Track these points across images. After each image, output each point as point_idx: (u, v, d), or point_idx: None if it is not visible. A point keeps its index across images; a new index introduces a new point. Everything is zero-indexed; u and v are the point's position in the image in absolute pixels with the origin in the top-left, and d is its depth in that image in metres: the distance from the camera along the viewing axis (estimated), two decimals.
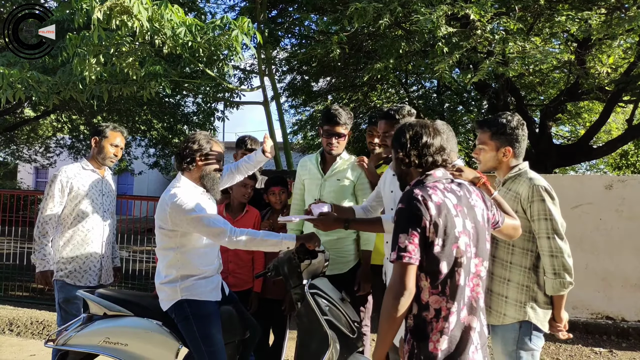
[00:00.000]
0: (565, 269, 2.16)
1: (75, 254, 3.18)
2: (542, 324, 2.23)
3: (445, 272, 1.72)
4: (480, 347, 1.79)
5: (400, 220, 1.75)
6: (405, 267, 1.69)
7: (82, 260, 3.19)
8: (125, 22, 3.95)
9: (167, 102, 10.96)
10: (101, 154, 3.28)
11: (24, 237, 6.92)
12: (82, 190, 3.20)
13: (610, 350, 4.69)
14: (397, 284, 1.70)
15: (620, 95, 7.80)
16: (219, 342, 2.58)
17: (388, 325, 1.71)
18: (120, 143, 3.35)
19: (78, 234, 3.19)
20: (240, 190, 3.37)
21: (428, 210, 1.71)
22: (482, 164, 2.43)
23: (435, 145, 1.88)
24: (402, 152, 1.90)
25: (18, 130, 14.28)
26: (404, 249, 1.69)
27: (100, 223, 3.27)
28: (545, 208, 2.18)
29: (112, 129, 3.31)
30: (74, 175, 3.20)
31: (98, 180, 3.31)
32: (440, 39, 5.25)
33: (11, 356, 4.23)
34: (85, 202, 3.20)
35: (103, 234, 3.29)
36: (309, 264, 2.70)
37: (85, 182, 3.23)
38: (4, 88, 4.68)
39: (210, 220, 2.51)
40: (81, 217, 3.19)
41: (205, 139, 2.70)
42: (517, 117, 2.35)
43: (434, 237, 1.71)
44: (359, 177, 3.17)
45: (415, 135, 1.89)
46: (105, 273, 3.32)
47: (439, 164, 1.88)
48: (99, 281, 3.27)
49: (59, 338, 2.66)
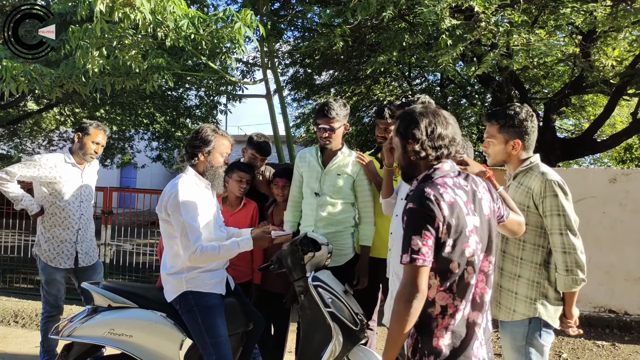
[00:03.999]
0: (578, 266, 2.13)
1: (50, 236, 3.50)
2: (552, 320, 2.21)
3: (456, 272, 1.69)
4: (485, 343, 1.78)
5: (412, 220, 1.68)
6: (417, 270, 1.63)
7: (56, 243, 3.51)
8: (127, 14, 3.94)
9: (170, 95, 10.94)
10: (82, 149, 3.53)
11: (28, 230, 6.96)
12: (59, 179, 3.46)
13: (612, 344, 4.69)
14: (410, 286, 1.64)
15: (625, 88, 7.74)
16: (223, 333, 2.60)
17: (400, 328, 1.65)
18: (102, 140, 3.59)
19: (54, 219, 3.50)
20: (236, 185, 3.34)
21: (441, 210, 1.64)
22: (491, 157, 2.38)
23: (449, 136, 1.78)
24: (415, 144, 1.77)
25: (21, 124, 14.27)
26: (417, 251, 1.63)
27: (77, 212, 3.56)
28: (558, 203, 2.15)
29: (95, 127, 3.55)
30: (54, 164, 3.45)
31: (77, 172, 3.56)
32: (444, 32, 5.21)
33: (17, 348, 4.27)
34: (62, 191, 3.48)
35: (79, 222, 3.57)
36: (312, 256, 2.71)
37: (63, 173, 3.48)
38: (7, 81, 4.68)
39: (187, 232, 2.51)
40: (57, 205, 3.48)
41: (211, 134, 2.68)
42: (526, 109, 2.29)
43: (446, 237, 1.66)
44: (358, 173, 3.17)
45: (429, 125, 1.77)
46: (82, 256, 3.61)
47: (447, 155, 1.80)
48: (74, 264, 3.57)
49: (63, 329, 2.69)
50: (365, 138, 11.40)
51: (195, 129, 2.78)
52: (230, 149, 2.79)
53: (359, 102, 11.10)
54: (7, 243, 6.67)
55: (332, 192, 3.09)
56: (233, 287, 2.91)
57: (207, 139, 2.66)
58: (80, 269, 3.60)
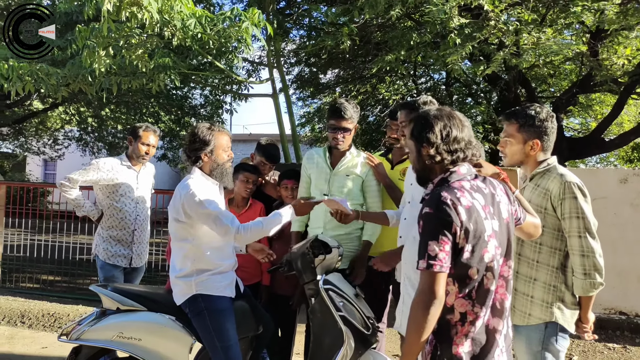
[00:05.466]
0: (596, 269, 2.09)
1: (108, 236, 3.60)
2: (569, 324, 2.17)
3: (475, 278, 1.65)
4: (506, 350, 1.74)
5: (428, 226, 1.64)
6: (435, 276, 1.59)
7: (113, 243, 3.61)
8: (135, 13, 3.91)
9: (175, 94, 10.93)
10: (135, 152, 3.64)
11: (34, 229, 6.95)
12: (116, 181, 3.56)
13: (624, 346, 4.64)
14: (427, 293, 1.60)
15: (634, 87, 7.66)
16: (233, 337, 2.56)
17: (417, 335, 1.61)
18: (153, 141, 3.68)
19: (112, 221, 3.61)
20: (242, 186, 3.31)
21: (458, 215, 1.60)
22: (507, 158, 2.33)
23: (465, 139, 1.73)
24: (430, 148, 1.72)
25: (27, 123, 14.32)
26: (434, 257, 1.59)
27: (132, 213, 3.64)
28: (577, 206, 2.10)
29: (145, 129, 3.65)
30: (111, 166, 3.55)
31: (132, 175, 3.65)
32: (452, 30, 5.16)
33: (24, 348, 4.25)
34: (118, 193, 3.58)
35: (134, 223, 3.65)
36: (323, 259, 2.68)
37: (119, 175, 3.57)
38: (13, 81, 4.66)
39: (218, 218, 2.49)
40: (114, 206, 3.58)
41: (208, 133, 2.60)
42: (546, 109, 2.24)
43: (464, 243, 1.62)
44: (367, 174, 3.13)
45: (444, 129, 1.72)
46: (136, 258, 3.69)
47: (464, 158, 1.75)
48: (130, 264, 3.66)
49: (72, 332, 2.66)
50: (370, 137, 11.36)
51: (190, 131, 2.70)
52: (230, 143, 2.73)
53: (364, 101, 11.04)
54: (12, 242, 6.66)
55: (340, 194, 3.05)
56: (242, 290, 2.88)
57: (206, 139, 2.59)
58: (130, 269, 3.69)
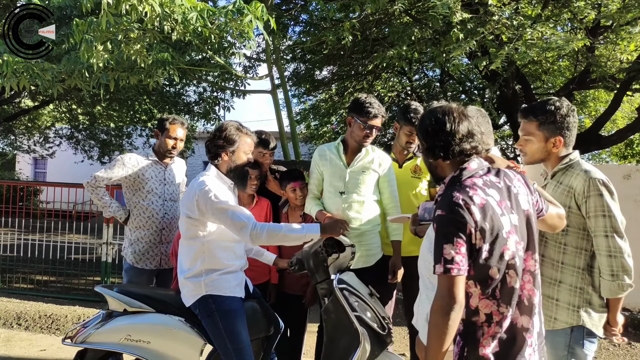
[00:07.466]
0: (625, 270, 1.99)
1: (135, 238, 3.37)
2: (597, 328, 2.08)
3: (496, 278, 1.59)
4: (538, 349, 1.69)
5: (442, 228, 1.59)
6: (453, 280, 1.55)
7: (140, 244, 3.37)
8: (135, 6, 3.80)
9: (168, 91, 10.78)
10: (161, 146, 3.41)
11: (27, 229, 6.81)
12: (142, 177, 3.34)
13: (629, 343, 4.63)
14: (446, 298, 1.55)
15: (631, 84, 7.68)
16: (245, 338, 2.49)
17: (440, 342, 1.55)
18: (180, 134, 3.42)
19: (138, 221, 3.37)
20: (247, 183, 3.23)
21: (472, 215, 1.56)
22: (528, 156, 2.23)
23: (462, 132, 1.68)
24: (427, 144, 1.73)
25: (17, 121, 14.07)
26: (450, 261, 1.54)
27: (160, 211, 3.39)
28: (604, 203, 2.00)
29: (171, 121, 3.39)
30: (136, 162, 3.34)
31: (159, 170, 3.43)
32: (455, 25, 5.11)
33: (21, 351, 4.14)
34: (144, 189, 3.36)
35: (162, 222, 3.40)
36: (337, 257, 2.61)
37: (145, 171, 3.36)
38: (8, 76, 4.53)
39: (235, 213, 2.41)
40: (140, 204, 3.36)
41: (236, 133, 2.55)
42: (566, 103, 2.14)
43: (481, 243, 1.57)
44: (385, 168, 3.05)
45: (437, 123, 1.69)
46: (165, 258, 3.43)
47: (468, 152, 1.70)
48: (159, 265, 3.42)
49: (77, 335, 2.57)
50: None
51: (218, 126, 2.63)
52: (253, 147, 2.68)
53: None
54: (5, 242, 6.52)
55: (358, 190, 2.97)
56: (252, 290, 2.81)
57: (232, 138, 2.53)
58: (162, 270, 3.46)
